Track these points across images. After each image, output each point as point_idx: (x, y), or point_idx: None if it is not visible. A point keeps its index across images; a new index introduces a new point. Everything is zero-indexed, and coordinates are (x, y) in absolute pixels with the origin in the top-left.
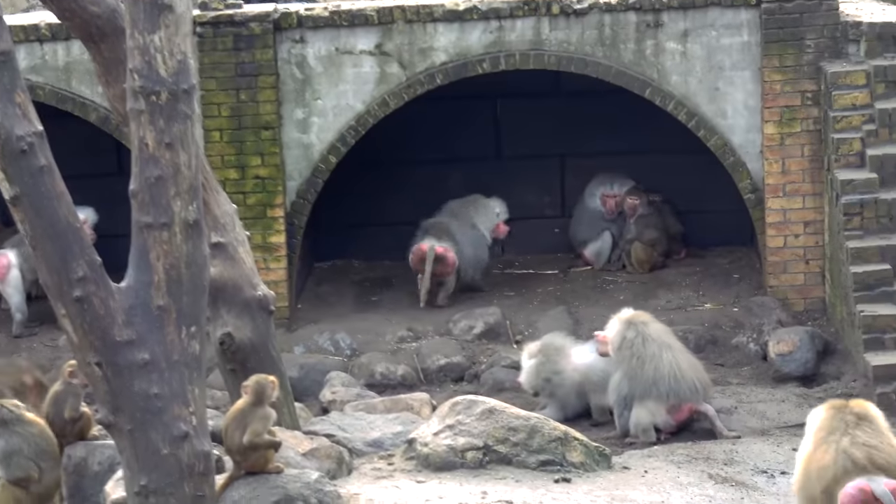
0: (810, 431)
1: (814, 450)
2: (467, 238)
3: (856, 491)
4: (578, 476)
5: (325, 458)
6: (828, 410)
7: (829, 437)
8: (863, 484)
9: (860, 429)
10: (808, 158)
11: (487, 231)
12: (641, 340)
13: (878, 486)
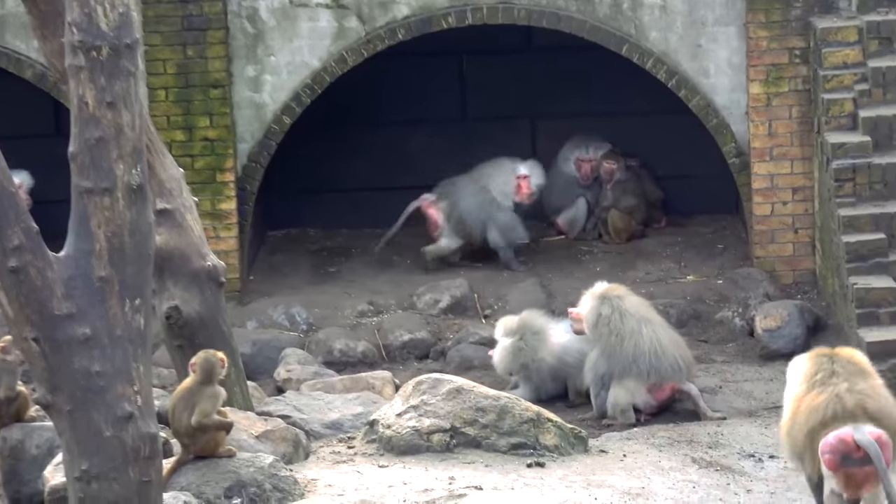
0: (798, 377)
1: (805, 392)
2: (473, 199)
3: (836, 441)
4: (552, 460)
5: (280, 441)
6: (817, 357)
7: (823, 381)
8: (845, 434)
9: (855, 376)
10: (797, 120)
11: (502, 194)
12: (619, 316)
13: (861, 436)
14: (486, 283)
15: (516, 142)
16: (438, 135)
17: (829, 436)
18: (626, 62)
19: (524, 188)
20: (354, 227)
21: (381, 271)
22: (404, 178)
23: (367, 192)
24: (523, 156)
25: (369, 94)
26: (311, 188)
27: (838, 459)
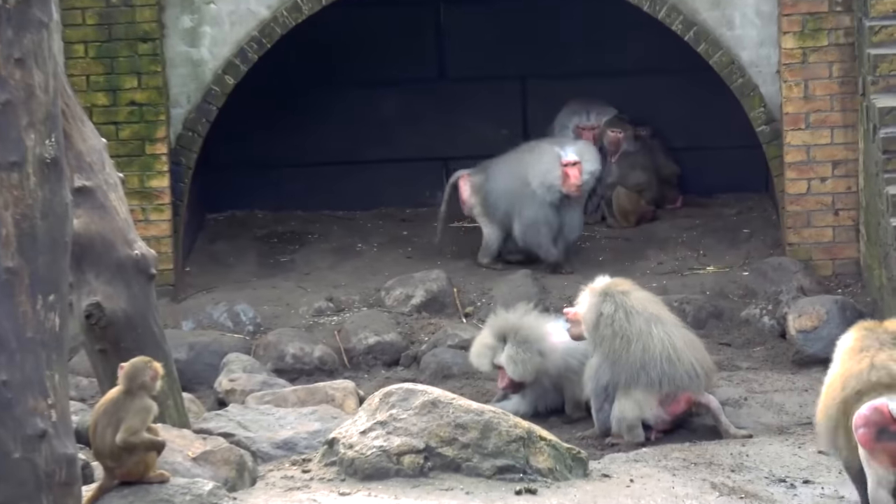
0: (839, 353)
1: (843, 364)
2: (505, 185)
3: (870, 411)
4: (546, 486)
5: (221, 464)
6: (860, 331)
7: (862, 352)
8: (881, 404)
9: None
10: (838, 80)
11: (543, 186)
12: (624, 314)
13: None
14: (467, 275)
15: (504, 106)
16: (412, 98)
17: (862, 407)
18: (635, 11)
19: (572, 178)
20: (311, 208)
21: (343, 261)
22: (371, 150)
23: (327, 167)
24: (511, 122)
25: (329, 50)
26: (260, 162)
27: (873, 434)
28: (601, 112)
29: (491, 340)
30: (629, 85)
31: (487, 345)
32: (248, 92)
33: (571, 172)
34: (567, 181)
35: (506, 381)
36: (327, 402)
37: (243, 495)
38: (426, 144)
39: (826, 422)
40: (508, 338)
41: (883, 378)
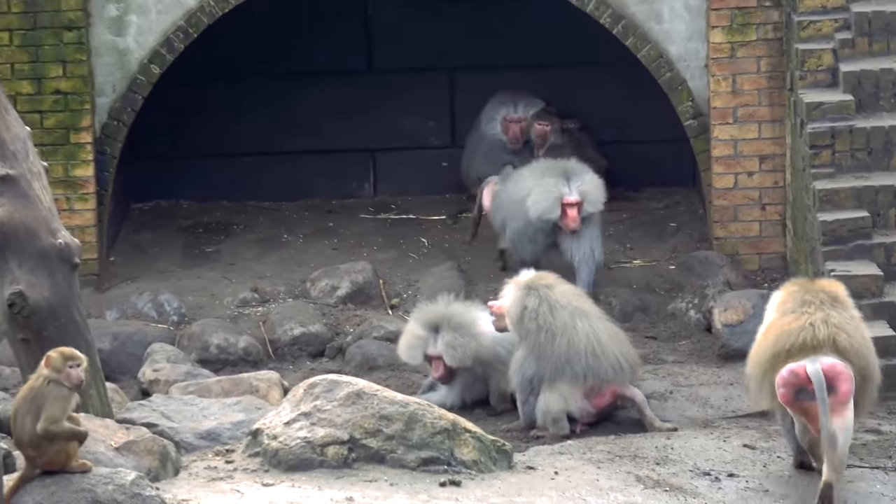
0: (771, 307)
1: (780, 317)
2: (510, 195)
3: (789, 374)
4: (470, 478)
5: (144, 455)
6: (796, 285)
7: (801, 309)
8: (797, 367)
9: (835, 308)
10: (766, 75)
11: (541, 220)
12: (548, 308)
13: (812, 367)
14: (393, 266)
15: (431, 98)
16: (338, 89)
17: (783, 370)
18: (564, 4)
19: (570, 219)
20: (236, 199)
21: (268, 251)
22: (297, 140)
23: (253, 157)
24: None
25: (256, 40)
26: (185, 152)
27: (792, 393)
28: (529, 104)
29: (421, 332)
30: (557, 78)
31: (419, 336)
32: (175, 81)
33: (570, 213)
34: (565, 219)
35: (441, 370)
36: (251, 392)
37: (166, 485)
38: (353, 136)
39: (756, 375)
40: (441, 326)
41: (814, 340)
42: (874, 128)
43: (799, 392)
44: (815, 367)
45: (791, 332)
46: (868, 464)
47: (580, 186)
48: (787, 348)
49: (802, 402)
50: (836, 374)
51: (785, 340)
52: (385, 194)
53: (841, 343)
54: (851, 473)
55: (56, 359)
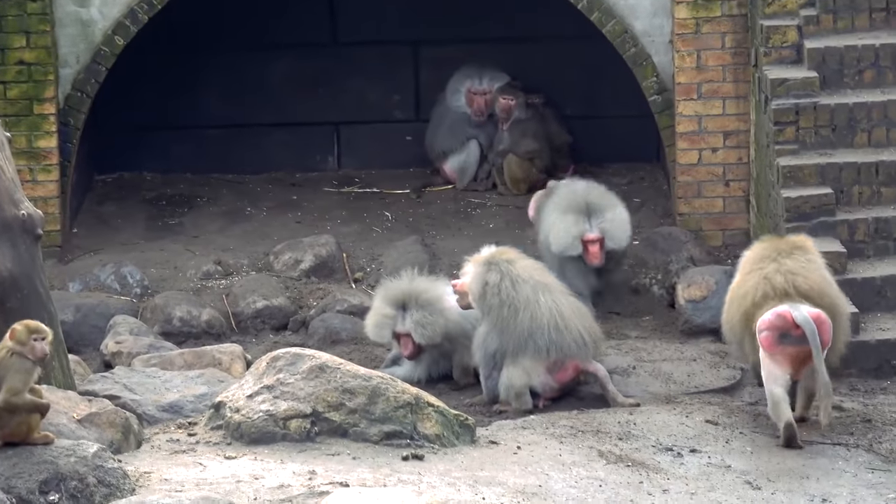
0: (745, 262)
1: (740, 278)
2: (541, 212)
3: (774, 317)
4: (433, 452)
5: (107, 427)
6: (762, 241)
7: (756, 266)
8: (783, 310)
9: (791, 257)
10: (731, 51)
11: (558, 249)
12: (510, 283)
13: (799, 314)
14: (357, 240)
15: (396, 72)
16: (303, 62)
17: (767, 313)
18: None
19: (592, 255)
20: (200, 171)
21: (231, 224)
22: (260, 113)
23: (217, 130)
24: (403, 88)
25: (220, 12)
26: (149, 125)
27: (776, 337)
28: (494, 78)
29: (389, 310)
30: (522, 52)
31: (386, 315)
32: (138, 53)
33: (592, 250)
34: (587, 255)
35: (410, 347)
36: (214, 365)
37: (129, 458)
38: (317, 109)
39: (731, 333)
40: (409, 304)
41: (774, 290)
42: (838, 105)
43: (783, 336)
44: (802, 314)
45: (749, 293)
46: (830, 440)
47: (601, 224)
48: (753, 303)
49: (786, 347)
50: (821, 324)
51: (749, 299)
52: (349, 168)
53: (801, 286)
54: (813, 450)
55: (21, 332)
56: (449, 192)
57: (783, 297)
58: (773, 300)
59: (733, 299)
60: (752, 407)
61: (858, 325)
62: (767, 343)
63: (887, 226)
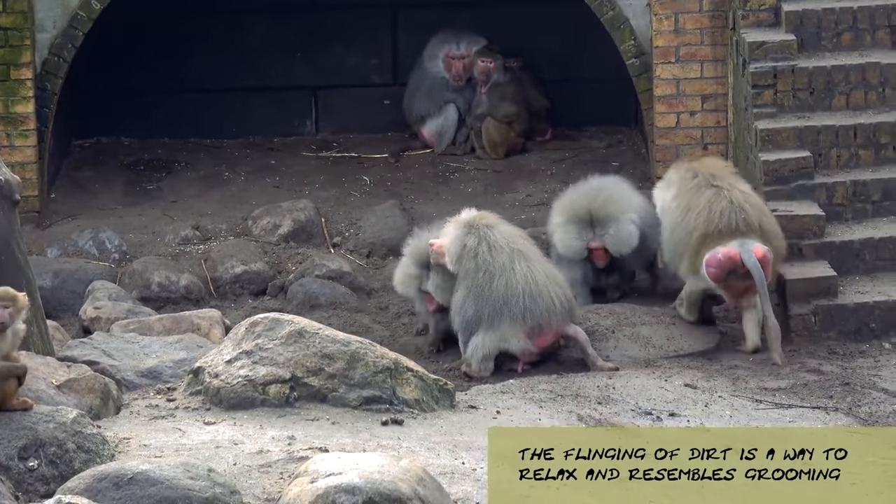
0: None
1: (690, 199)
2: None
3: (724, 258)
4: (412, 417)
5: (86, 392)
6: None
7: (712, 187)
8: (733, 252)
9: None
10: (708, 14)
11: (566, 254)
12: (487, 248)
13: (748, 257)
14: (335, 205)
15: (373, 36)
16: (281, 26)
17: (717, 252)
18: None
19: (598, 258)
20: (178, 135)
21: (210, 189)
22: (239, 77)
23: (194, 94)
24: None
25: None
26: (126, 89)
27: (724, 274)
28: (472, 42)
29: (414, 269)
30: (500, 16)
31: (411, 274)
32: (116, 17)
33: (597, 254)
34: (593, 258)
35: (434, 304)
36: (193, 331)
37: (108, 423)
38: (295, 73)
39: (686, 253)
40: (432, 265)
41: (741, 223)
42: (816, 68)
43: (730, 273)
44: (750, 256)
45: (719, 213)
46: (809, 404)
47: (604, 236)
48: (720, 229)
49: (731, 282)
50: (766, 263)
51: (717, 220)
52: (327, 132)
53: (767, 227)
54: (792, 413)
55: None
56: (427, 156)
57: (747, 232)
58: (737, 233)
59: (688, 220)
60: (730, 371)
61: (837, 288)
62: (714, 277)
63: (865, 188)
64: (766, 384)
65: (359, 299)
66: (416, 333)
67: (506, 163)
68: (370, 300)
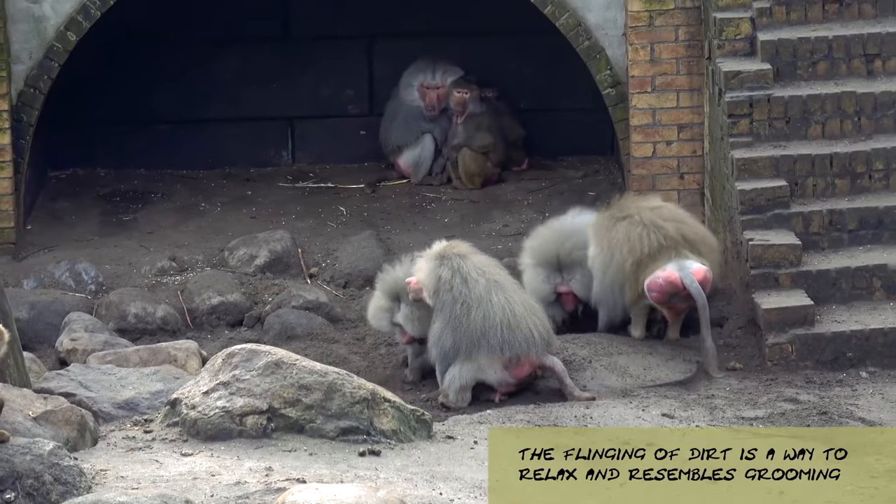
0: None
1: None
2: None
3: (665, 283)
4: (389, 448)
5: (62, 424)
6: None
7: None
8: (673, 275)
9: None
10: (684, 44)
11: (535, 296)
12: (461, 280)
13: (690, 281)
14: (312, 235)
15: (349, 66)
16: (256, 56)
17: (658, 277)
18: None
19: (567, 302)
20: (154, 166)
21: (186, 220)
22: (213, 109)
23: (170, 125)
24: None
25: (172, 7)
26: (102, 120)
27: (666, 298)
28: (447, 72)
29: (385, 302)
30: (476, 45)
31: (383, 307)
32: (91, 49)
33: (567, 299)
34: (561, 300)
35: (407, 337)
36: (170, 362)
37: (85, 455)
38: (271, 104)
39: (617, 273)
40: (402, 297)
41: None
42: (792, 97)
43: (672, 296)
44: (692, 281)
45: (638, 239)
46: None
47: (571, 281)
48: (647, 253)
49: (675, 304)
50: (706, 283)
51: (640, 247)
52: (303, 163)
53: (689, 235)
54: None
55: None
56: (403, 186)
57: (673, 248)
58: (666, 251)
59: (611, 265)
60: (707, 400)
61: (814, 317)
62: (657, 300)
63: (841, 217)
64: (743, 413)
65: (336, 330)
66: (402, 363)
67: (482, 193)
68: (347, 331)
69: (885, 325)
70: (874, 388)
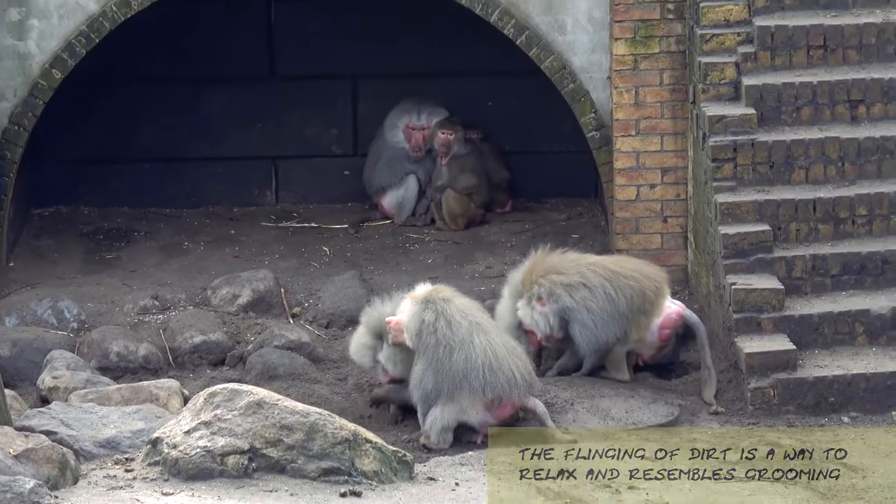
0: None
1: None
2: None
3: (678, 317)
4: (370, 489)
5: (43, 463)
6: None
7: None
8: (676, 311)
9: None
10: (669, 87)
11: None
12: (445, 322)
13: (690, 315)
14: (295, 275)
15: (334, 106)
16: (240, 95)
17: (672, 313)
18: (468, 13)
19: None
20: (137, 205)
21: (169, 259)
22: (199, 147)
23: (154, 163)
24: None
25: (158, 45)
26: (86, 158)
27: (671, 334)
28: (432, 113)
29: (369, 339)
30: (461, 87)
31: (366, 345)
32: (76, 87)
33: (532, 339)
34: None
35: (388, 376)
36: (151, 401)
37: (65, 494)
38: (255, 143)
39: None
40: (385, 336)
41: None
42: (776, 142)
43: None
44: (692, 315)
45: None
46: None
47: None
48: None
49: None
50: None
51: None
52: (287, 202)
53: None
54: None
55: None
56: (387, 227)
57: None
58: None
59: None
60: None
61: (796, 362)
62: (666, 338)
63: (824, 263)
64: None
65: (318, 370)
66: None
67: (466, 234)
68: (329, 371)
69: (868, 370)
70: (856, 434)
